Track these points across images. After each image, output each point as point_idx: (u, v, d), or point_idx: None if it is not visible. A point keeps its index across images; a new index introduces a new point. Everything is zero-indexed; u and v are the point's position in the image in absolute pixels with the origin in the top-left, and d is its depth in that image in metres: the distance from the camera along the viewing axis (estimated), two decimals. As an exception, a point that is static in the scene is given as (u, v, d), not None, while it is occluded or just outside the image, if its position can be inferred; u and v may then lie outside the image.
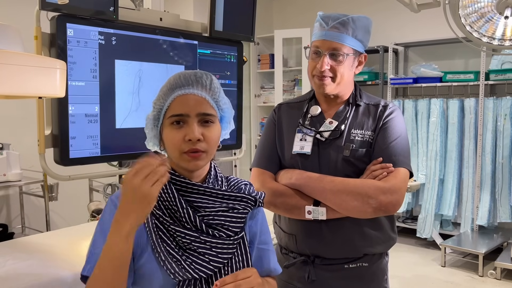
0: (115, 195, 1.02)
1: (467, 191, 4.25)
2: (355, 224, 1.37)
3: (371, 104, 1.45)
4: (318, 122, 1.44)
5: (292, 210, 1.38)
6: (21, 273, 1.32)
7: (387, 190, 1.29)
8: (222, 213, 1.00)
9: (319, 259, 1.41)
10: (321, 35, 1.37)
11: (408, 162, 1.38)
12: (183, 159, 0.98)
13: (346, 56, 1.37)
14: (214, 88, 1.02)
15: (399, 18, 4.70)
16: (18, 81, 0.96)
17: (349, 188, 1.31)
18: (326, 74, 1.37)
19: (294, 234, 1.44)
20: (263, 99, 5.49)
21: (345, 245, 1.39)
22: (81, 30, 1.71)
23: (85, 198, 3.70)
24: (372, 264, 1.42)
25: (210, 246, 0.97)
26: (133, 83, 1.89)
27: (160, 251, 0.95)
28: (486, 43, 1.66)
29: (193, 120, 0.97)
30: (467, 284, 3.55)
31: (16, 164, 3.43)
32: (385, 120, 1.40)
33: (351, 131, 1.40)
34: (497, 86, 4.27)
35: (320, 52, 1.37)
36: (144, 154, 0.91)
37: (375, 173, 1.34)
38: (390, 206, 1.30)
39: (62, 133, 1.69)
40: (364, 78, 4.81)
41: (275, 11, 5.75)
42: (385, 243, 1.43)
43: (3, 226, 3.63)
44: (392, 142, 1.37)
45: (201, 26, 2.18)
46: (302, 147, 1.41)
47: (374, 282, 1.44)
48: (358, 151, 1.37)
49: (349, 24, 1.36)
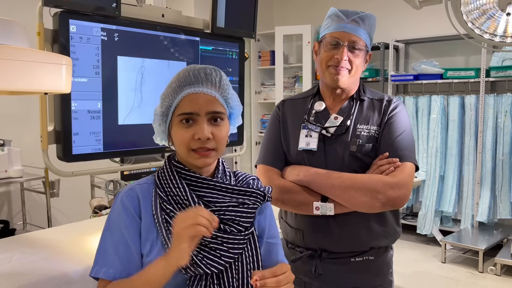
0: (125, 191, 1.01)
1: (467, 188, 4.26)
2: (362, 218, 1.38)
3: (375, 99, 1.46)
4: (323, 118, 1.44)
5: (300, 207, 1.39)
6: (27, 269, 1.33)
7: (395, 185, 1.31)
8: (232, 208, 1.00)
9: (326, 253, 1.42)
10: (340, 26, 1.38)
11: (414, 156, 1.39)
12: (191, 156, 0.98)
13: (363, 50, 1.40)
14: (224, 85, 1.02)
15: (400, 15, 4.70)
16: (24, 77, 0.96)
17: (357, 183, 1.32)
18: (344, 65, 1.38)
19: (301, 229, 1.45)
20: (264, 96, 5.49)
21: (352, 239, 1.40)
22: (83, 26, 1.71)
23: (87, 195, 3.71)
24: (378, 257, 1.44)
25: (222, 241, 0.97)
26: (135, 80, 1.90)
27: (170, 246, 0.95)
28: (488, 40, 1.66)
29: (202, 118, 0.97)
30: (467, 280, 3.57)
31: (17, 161, 3.43)
32: (390, 115, 1.41)
33: (357, 126, 1.41)
34: (497, 83, 4.27)
35: (339, 43, 1.38)
36: (145, 150, 0.92)
37: (382, 168, 1.35)
38: (398, 200, 1.32)
39: (65, 129, 1.70)
40: (365, 74, 4.80)
41: (276, 8, 5.75)
42: (390, 236, 1.45)
43: (4, 223, 3.64)
44: (398, 137, 1.38)
45: (202, 23, 2.18)
46: (308, 143, 1.42)
47: (379, 275, 1.45)
48: (364, 146, 1.38)
49: (365, 20, 1.40)
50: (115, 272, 0.95)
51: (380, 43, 4.69)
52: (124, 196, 1.00)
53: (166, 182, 1.00)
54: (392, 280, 1.49)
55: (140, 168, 2.11)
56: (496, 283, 3.52)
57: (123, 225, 0.97)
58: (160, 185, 1.01)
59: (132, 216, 0.98)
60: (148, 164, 2.09)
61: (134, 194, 1.00)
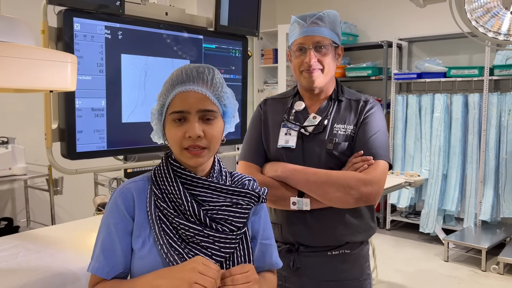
0: (119, 189, 1.03)
1: (470, 186, 4.25)
2: (337, 213, 1.44)
3: (352, 100, 1.51)
4: (302, 117, 1.50)
5: (278, 201, 1.44)
6: (33, 265, 1.34)
7: (368, 181, 1.36)
8: (226, 207, 1.01)
9: (303, 247, 1.47)
10: (302, 32, 1.45)
11: (387, 154, 1.45)
12: (184, 155, 0.99)
13: (330, 48, 1.44)
14: (216, 83, 1.02)
15: (403, 13, 4.69)
16: (30, 75, 0.97)
17: (332, 179, 1.37)
18: (315, 66, 1.43)
19: (279, 223, 1.50)
20: (266, 94, 5.49)
21: (328, 233, 1.45)
22: (87, 24, 1.72)
23: (90, 192, 3.72)
24: (354, 250, 1.48)
25: (213, 240, 0.98)
26: (139, 78, 1.90)
27: (162, 243, 0.96)
28: (492, 38, 1.66)
29: (193, 117, 0.98)
30: (470, 279, 3.57)
31: (21, 158, 3.45)
32: (366, 115, 1.46)
33: (334, 125, 1.46)
34: (501, 82, 4.26)
35: (305, 48, 1.44)
36: (149, 148, 0.93)
37: (357, 165, 1.40)
38: (371, 196, 1.37)
39: (69, 127, 1.71)
40: (368, 73, 4.80)
41: (279, 6, 5.74)
42: (365, 232, 1.50)
43: (8, 220, 3.66)
44: (372, 136, 1.43)
45: (206, 21, 2.19)
46: (287, 141, 1.47)
47: (356, 267, 1.50)
48: (340, 145, 1.43)
49: (325, 18, 1.45)
50: (99, 267, 0.99)
51: (383, 41, 4.68)
52: (118, 195, 1.02)
53: (161, 180, 1.02)
54: (369, 274, 1.54)
55: (144, 166, 2.12)
56: (499, 282, 3.52)
57: (112, 223, 1.00)
58: (155, 182, 1.02)
59: (122, 215, 1.00)
60: (151, 162, 2.09)
61: (129, 193, 1.01)
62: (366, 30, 5.05)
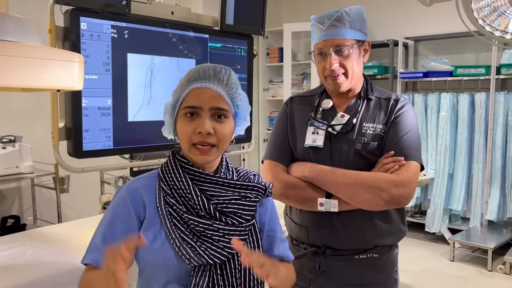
0: (126, 187, 1.03)
1: (476, 186, 4.23)
2: (366, 216, 1.39)
3: (382, 98, 1.46)
4: (330, 115, 1.45)
5: (305, 202, 1.40)
6: (40, 262, 1.36)
7: (399, 183, 1.31)
8: (235, 201, 1.02)
9: (330, 250, 1.43)
10: (321, 36, 1.39)
11: (419, 155, 1.39)
12: (192, 152, 1.00)
13: (351, 49, 1.38)
14: (231, 83, 1.04)
15: (409, 12, 4.67)
16: (38, 74, 0.98)
17: (361, 181, 1.32)
18: (338, 71, 1.38)
19: (305, 225, 1.46)
20: (272, 93, 5.49)
21: (355, 236, 1.40)
22: (94, 24, 1.73)
23: (96, 191, 3.74)
24: (383, 255, 1.44)
25: (223, 233, 1.00)
26: (145, 77, 1.91)
27: (175, 237, 0.98)
28: (499, 37, 1.65)
29: (205, 113, 0.99)
30: (476, 279, 3.55)
31: (28, 157, 3.47)
32: (396, 114, 1.41)
33: (363, 124, 1.41)
34: (508, 81, 4.23)
35: (325, 52, 1.39)
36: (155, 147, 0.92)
37: (387, 166, 1.35)
38: (402, 199, 1.32)
39: (76, 126, 1.72)
40: (374, 72, 4.78)
41: (284, 5, 5.74)
42: (395, 235, 1.45)
43: (15, 218, 3.69)
44: (404, 136, 1.38)
45: (212, 20, 2.19)
46: (314, 140, 1.43)
47: (384, 272, 1.45)
48: (369, 145, 1.39)
49: (344, 17, 1.38)
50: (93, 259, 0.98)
51: (389, 40, 4.66)
52: (126, 194, 1.02)
53: (169, 176, 1.03)
54: (397, 279, 1.49)
55: (150, 164, 2.13)
56: (505, 282, 3.50)
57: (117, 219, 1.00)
58: (164, 179, 1.03)
59: (129, 215, 1.00)
60: (157, 160, 2.10)
61: (137, 193, 1.02)
62: (372, 28, 5.03)
